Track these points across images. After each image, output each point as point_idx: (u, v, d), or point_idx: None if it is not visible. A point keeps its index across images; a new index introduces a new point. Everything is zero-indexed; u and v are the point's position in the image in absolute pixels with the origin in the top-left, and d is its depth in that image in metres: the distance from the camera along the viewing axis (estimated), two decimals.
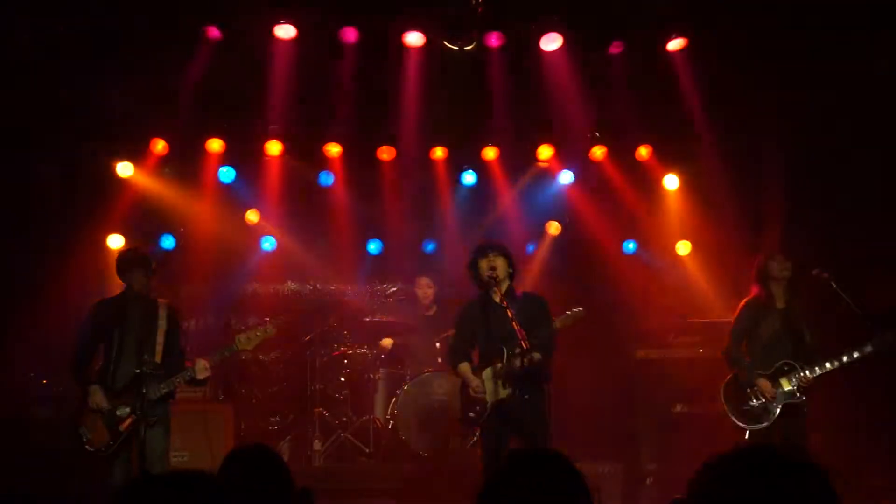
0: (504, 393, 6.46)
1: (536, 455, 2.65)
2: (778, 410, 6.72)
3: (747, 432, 6.77)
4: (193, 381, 6.68)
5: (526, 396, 6.44)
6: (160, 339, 6.68)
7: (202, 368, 6.58)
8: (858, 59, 8.35)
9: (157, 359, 6.61)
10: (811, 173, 9.16)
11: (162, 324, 6.73)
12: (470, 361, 6.80)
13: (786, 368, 6.74)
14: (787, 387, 6.70)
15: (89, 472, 7.38)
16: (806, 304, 6.96)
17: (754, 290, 7.08)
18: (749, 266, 7.21)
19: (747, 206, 9.79)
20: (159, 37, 8.54)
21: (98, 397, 6.46)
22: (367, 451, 9.15)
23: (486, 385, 6.54)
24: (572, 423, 9.35)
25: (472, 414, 6.63)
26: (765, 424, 6.73)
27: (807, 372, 6.63)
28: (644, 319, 9.60)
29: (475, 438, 6.78)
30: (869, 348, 6.51)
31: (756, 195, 9.86)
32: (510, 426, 6.54)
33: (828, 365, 6.63)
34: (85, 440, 6.47)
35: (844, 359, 6.59)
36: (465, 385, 6.73)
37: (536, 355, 6.23)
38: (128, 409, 6.45)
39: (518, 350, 6.21)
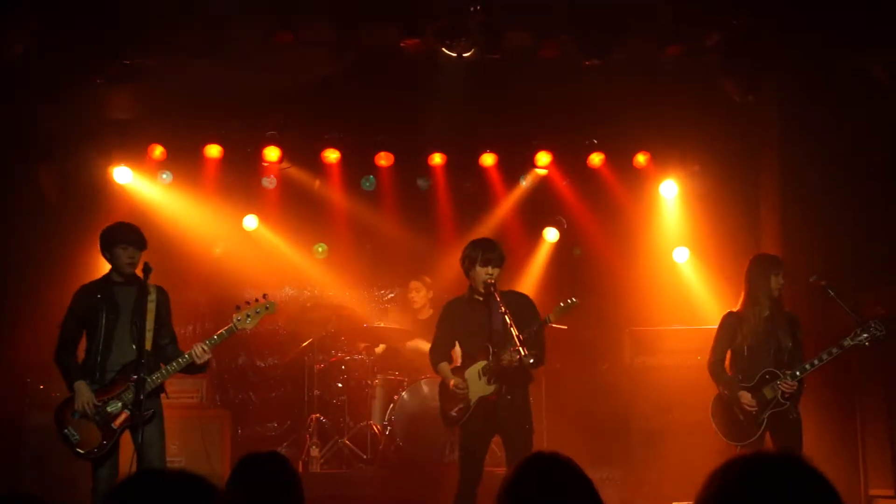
0: (490, 389, 6.42)
1: (547, 461, 2.70)
2: (765, 421, 6.69)
3: (738, 447, 6.73)
4: (193, 368, 6.18)
5: (509, 396, 6.43)
6: (150, 325, 6.14)
7: (200, 352, 6.09)
8: (857, 62, 8.36)
9: (147, 346, 6.06)
10: (810, 180, 9.16)
11: (151, 307, 6.18)
12: (450, 361, 6.78)
13: (767, 377, 6.69)
14: (769, 395, 6.66)
15: (85, 478, 7.35)
16: (789, 312, 6.93)
17: (741, 298, 7.03)
18: (746, 268, 7.15)
19: (745, 212, 9.79)
20: (157, 42, 8.54)
21: (85, 395, 5.98)
22: (365, 457, 9.14)
23: (470, 383, 6.49)
24: (569, 428, 9.37)
25: (454, 413, 6.59)
26: (755, 437, 6.69)
27: (787, 377, 6.61)
28: (640, 326, 9.59)
29: None
30: (847, 342, 6.50)
31: (754, 202, 9.86)
32: (492, 425, 6.53)
33: (807, 366, 6.58)
34: (74, 442, 5.98)
35: (824, 356, 6.57)
36: (445, 384, 6.69)
37: (530, 359, 6.10)
38: (120, 404, 5.99)
39: (511, 349, 6.15)
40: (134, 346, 6.13)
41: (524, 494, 2.60)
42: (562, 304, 6.45)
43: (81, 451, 6.00)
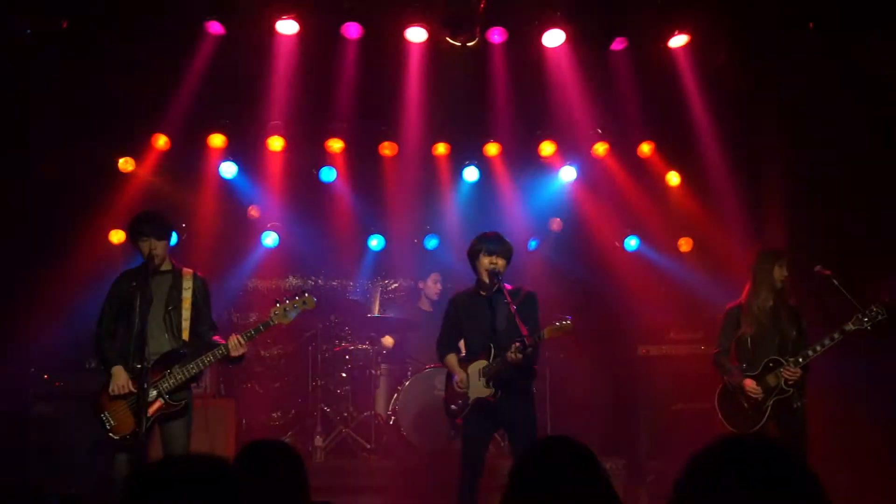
0: (487, 392, 6.40)
1: (559, 442, 2.73)
2: (769, 408, 6.70)
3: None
4: (227, 359, 6.13)
5: (510, 396, 6.39)
6: (186, 314, 6.17)
7: (235, 345, 6.04)
8: (861, 56, 8.33)
9: (185, 336, 6.14)
10: (813, 170, 9.15)
11: (188, 296, 6.20)
12: (458, 352, 6.77)
13: (771, 365, 6.71)
14: (772, 382, 6.68)
15: (90, 468, 7.35)
16: (793, 301, 6.92)
17: (746, 288, 7.04)
18: (750, 260, 7.17)
19: (749, 202, 9.78)
20: (161, 31, 8.53)
21: (121, 380, 5.96)
22: (369, 446, 9.16)
23: (471, 380, 6.49)
24: (573, 418, 9.39)
25: (453, 406, 6.61)
26: (759, 425, 6.70)
27: (791, 364, 6.62)
28: (645, 316, 9.59)
29: None
30: (849, 327, 6.50)
31: (758, 191, 9.86)
32: (493, 422, 6.53)
33: (810, 352, 6.59)
34: (108, 427, 5.97)
35: (826, 342, 6.57)
36: (450, 377, 6.71)
37: (528, 350, 6.11)
38: (154, 393, 5.92)
39: (517, 345, 6.13)
40: (168, 336, 6.14)
41: (535, 474, 2.62)
42: (557, 324, 6.36)
43: (115, 437, 5.99)
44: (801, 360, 6.61)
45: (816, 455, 6.62)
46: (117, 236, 9.49)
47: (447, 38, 8.70)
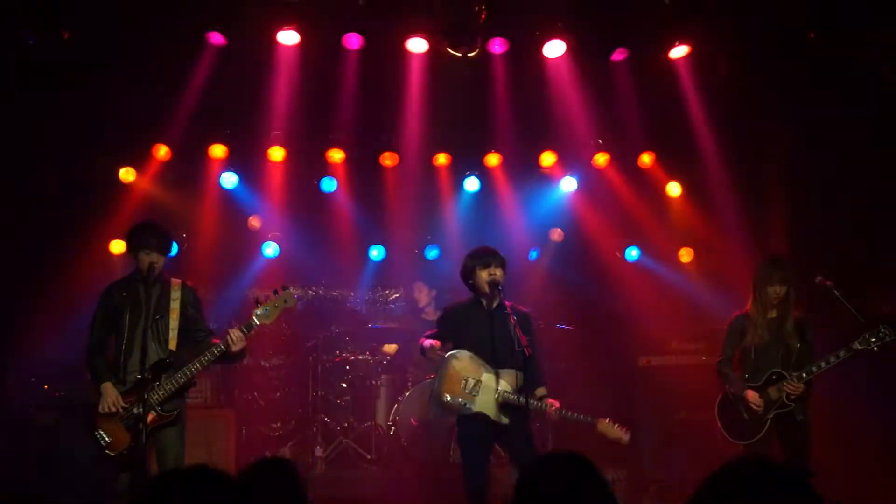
0: (500, 417, 6.26)
1: (565, 458, 2.73)
2: (769, 421, 6.68)
3: (742, 446, 6.73)
4: (228, 357, 6.07)
5: (517, 418, 6.33)
6: (174, 323, 6.11)
7: (237, 339, 6.01)
8: (863, 63, 8.34)
9: (172, 346, 6.06)
10: (815, 180, 9.15)
11: (175, 306, 6.15)
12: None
13: (774, 378, 6.68)
14: (774, 395, 6.65)
15: (92, 478, 7.33)
16: (798, 314, 6.88)
17: (750, 299, 7.02)
18: (751, 272, 7.15)
19: (750, 212, 9.78)
20: (163, 42, 8.54)
21: (111, 397, 5.90)
22: (369, 457, 9.15)
23: (482, 391, 6.28)
24: (574, 429, 9.36)
25: (448, 398, 6.30)
26: (758, 437, 6.68)
27: (794, 378, 6.59)
28: (647, 327, 9.58)
29: None
30: (856, 346, 6.48)
31: (759, 202, 9.86)
32: (493, 436, 6.41)
33: (814, 368, 6.56)
34: (104, 444, 5.92)
35: (831, 359, 6.54)
36: (450, 368, 6.39)
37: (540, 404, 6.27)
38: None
39: (558, 407, 6.24)
40: (155, 346, 6.06)
41: (542, 492, 2.62)
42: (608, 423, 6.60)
43: (111, 454, 5.93)
44: (804, 375, 6.58)
45: (818, 457, 6.64)
46: (118, 247, 9.48)
47: (448, 49, 8.71)
